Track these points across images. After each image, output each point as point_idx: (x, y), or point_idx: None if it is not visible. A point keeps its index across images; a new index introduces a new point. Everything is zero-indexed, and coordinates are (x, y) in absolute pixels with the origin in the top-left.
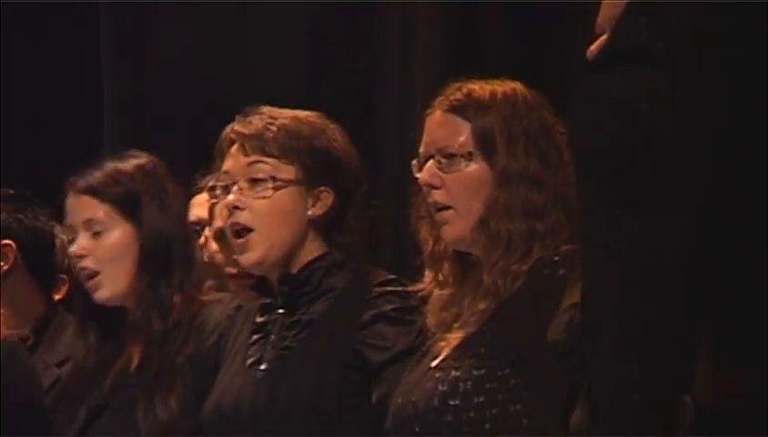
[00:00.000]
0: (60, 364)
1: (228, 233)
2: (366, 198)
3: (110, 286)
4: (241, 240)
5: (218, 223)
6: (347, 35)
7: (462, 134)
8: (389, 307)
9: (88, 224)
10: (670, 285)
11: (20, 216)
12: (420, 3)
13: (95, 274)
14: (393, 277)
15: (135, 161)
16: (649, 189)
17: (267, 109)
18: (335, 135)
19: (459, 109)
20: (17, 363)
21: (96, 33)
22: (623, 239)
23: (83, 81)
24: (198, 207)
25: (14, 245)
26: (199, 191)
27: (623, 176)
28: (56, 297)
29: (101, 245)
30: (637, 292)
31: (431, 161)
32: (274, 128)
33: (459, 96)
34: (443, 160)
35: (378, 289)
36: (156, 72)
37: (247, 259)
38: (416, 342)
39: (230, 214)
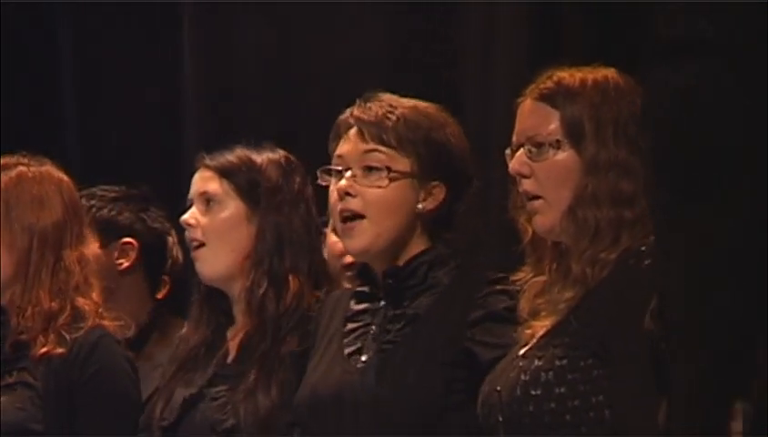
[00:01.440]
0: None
1: (336, 218)
2: (477, 196)
3: (211, 260)
4: (349, 225)
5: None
6: (428, 26)
7: (551, 122)
8: (501, 305)
9: (204, 196)
10: (733, 285)
11: (142, 215)
12: None
13: (200, 245)
14: (503, 275)
15: (267, 154)
16: (713, 182)
17: (386, 96)
18: (452, 129)
19: (548, 97)
20: (106, 352)
21: (180, 33)
22: (690, 234)
23: (168, 81)
24: None
25: (136, 244)
26: None
27: (689, 168)
28: (158, 297)
29: (212, 218)
30: (700, 290)
31: (522, 150)
32: (393, 118)
33: (548, 84)
34: (533, 149)
35: (488, 287)
36: (238, 71)
37: (353, 244)
38: None
39: (341, 199)
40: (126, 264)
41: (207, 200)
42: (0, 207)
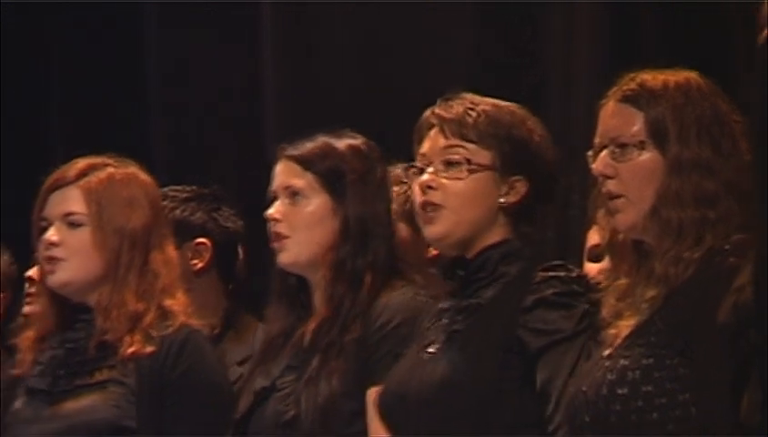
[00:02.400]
0: (242, 363)
1: (418, 210)
2: (559, 194)
3: (295, 251)
4: (430, 213)
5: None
6: (509, 28)
7: (635, 124)
8: (550, 291)
9: (289, 190)
10: None
11: (215, 215)
12: None
13: (285, 238)
14: (559, 262)
15: (348, 140)
16: None
17: (468, 95)
18: (534, 126)
19: (631, 99)
20: (196, 348)
21: (260, 31)
22: None
23: (246, 79)
24: None
25: (209, 244)
26: None
27: None
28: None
29: (297, 211)
30: None
31: (605, 151)
32: (474, 114)
33: (632, 85)
34: (616, 150)
35: (542, 274)
36: (320, 70)
37: (432, 231)
38: (579, 327)
39: (423, 193)
40: (200, 264)
41: (292, 194)
42: (92, 207)
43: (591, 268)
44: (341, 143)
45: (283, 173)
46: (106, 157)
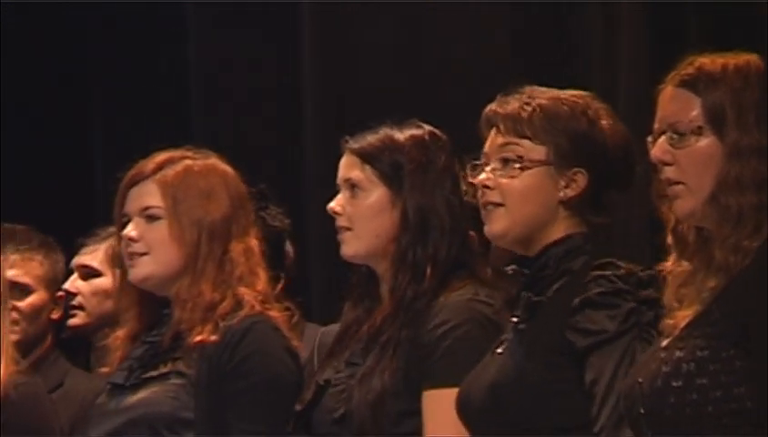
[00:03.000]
0: None
1: (481, 209)
2: (625, 182)
3: (355, 243)
4: (489, 210)
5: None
6: (550, 22)
7: (692, 109)
8: (595, 291)
9: (349, 183)
10: None
11: (261, 214)
12: None
13: (346, 230)
14: (608, 260)
15: (410, 130)
16: None
17: (529, 88)
18: (598, 115)
19: (689, 84)
20: (257, 337)
21: (300, 31)
22: None
23: (286, 79)
24: None
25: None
26: None
27: None
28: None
29: (357, 204)
30: None
31: (663, 137)
32: (529, 109)
33: (690, 70)
34: (674, 136)
35: (592, 273)
36: (359, 69)
37: (491, 229)
38: (623, 327)
39: (482, 193)
40: None
41: (352, 187)
42: (168, 201)
43: None
44: (402, 134)
45: (344, 166)
46: (185, 149)
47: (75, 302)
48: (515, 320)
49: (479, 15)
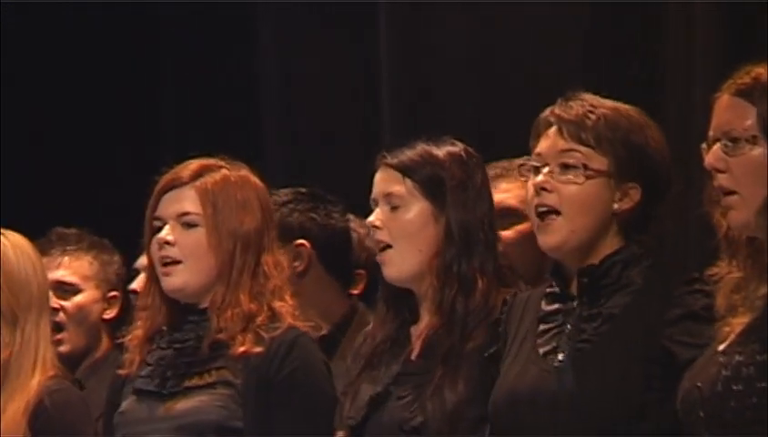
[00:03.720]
0: None
1: (532, 214)
2: (675, 200)
3: (398, 262)
4: (545, 221)
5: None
6: (626, 23)
7: (748, 118)
8: (699, 304)
9: (389, 198)
10: None
11: (313, 215)
12: None
13: (386, 247)
14: (698, 275)
15: (448, 147)
16: None
17: (587, 96)
18: (652, 132)
19: (745, 93)
20: (303, 350)
21: (376, 31)
22: None
23: (361, 80)
24: None
25: (308, 244)
26: None
27: None
28: (353, 292)
29: (397, 219)
30: None
31: (717, 145)
32: (593, 117)
33: (746, 79)
34: (729, 144)
35: (685, 287)
36: (435, 69)
37: (547, 241)
38: None
39: (537, 194)
40: (300, 267)
41: (392, 201)
42: (207, 209)
43: None
44: (441, 150)
45: (383, 181)
46: (218, 158)
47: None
48: (570, 328)
49: (552, 18)
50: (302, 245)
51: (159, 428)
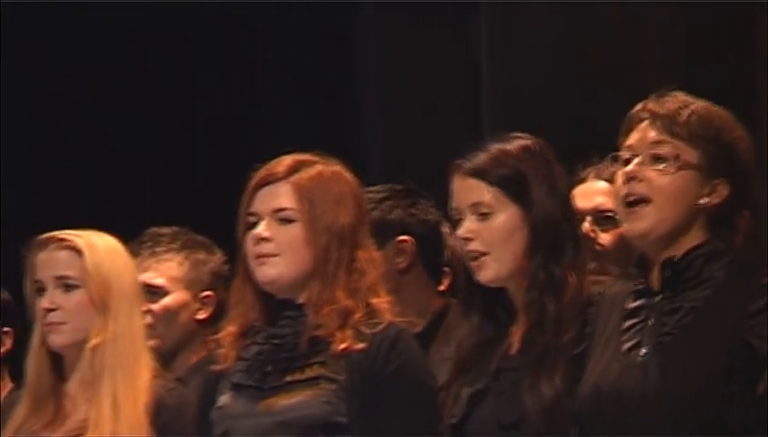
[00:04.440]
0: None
1: (620, 203)
2: (760, 203)
3: (495, 267)
4: (633, 209)
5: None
6: (720, 23)
7: None
8: None
9: (475, 207)
10: None
11: (413, 211)
12: None
13: (481, 255)
14: None
15: (520, 142)
16: None
17: (680, 94)
18: (741, 133)
19: None
20: (406, 346)
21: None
22: None
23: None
24: (580, 198)
25: (411, 240)
26: (580, 182)
27: None
28: (439, 288)
29: (488, 227)
30: None
31: None
32: (687, 112)
33: None
34: None
35: (766, 281)
36: (529, 65)
37: (634, 228)
38: None
39: (626, 184)
40: (404, 263)
41: (479, 210)
42: (304, 204)
43: None
44: (514, 146)
45: (466, 190)
46: (311, 154)
47: None
48: (652, 322)
49: (650, 12)
50: (405, 241)
51: (262, 423)
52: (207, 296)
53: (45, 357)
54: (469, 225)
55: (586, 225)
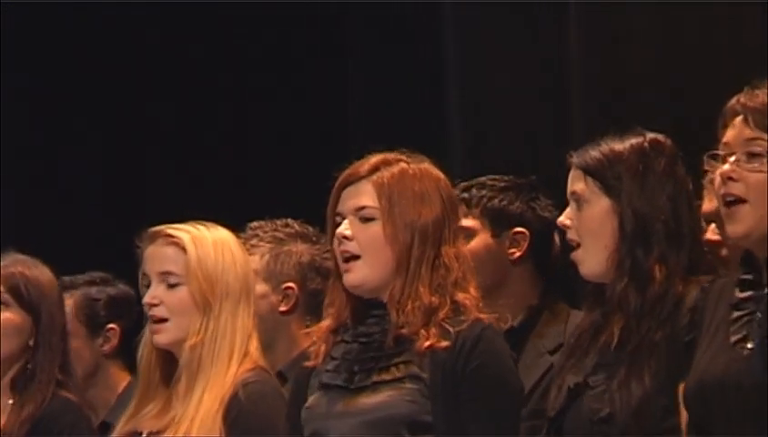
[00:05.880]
0: (553, 352)
1: (720, 204)
2: None
3: (588, 260)
4: (732, 209)
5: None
6: None
7: None
8: None
9: (574, 196)
10: None
11: (533, 204)
12: None
13: (577, 246)
14: None
15: (631, 140)
16: None
17: None
18: None
19: None
20: (489, 344)
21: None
22: None
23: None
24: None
25: (527, 234)
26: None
27: None
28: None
29: (582, 217)
30: None
31: None
32: None
33: None
34: None
35: None
36: (625, 65)
37: (734, 229)
38: None
39: (723, 184)
40: (517, 254)
41: (577, 200)
42: (383, 202)
43: None
44: (621, 143)
45: (570, 180)
46: (399, 152)
47: None
48: (760, 315)
49: (740, 7)
50: (522, 233)
51: (348, 423)
52: (288, 288)
53: (154, 352)
54: (568, 212)
55: (709, 232)
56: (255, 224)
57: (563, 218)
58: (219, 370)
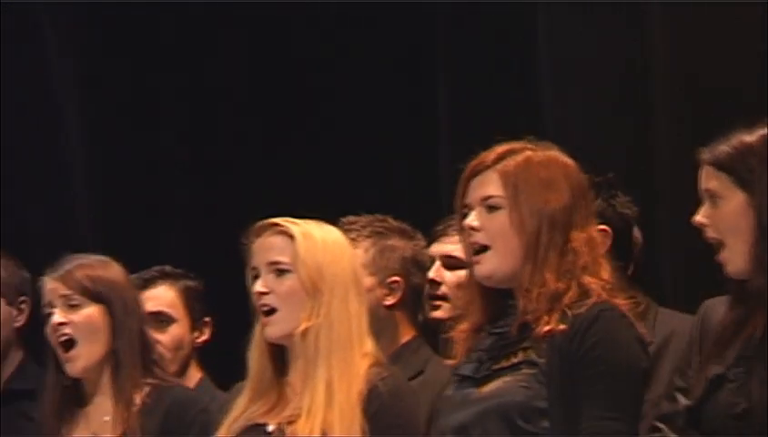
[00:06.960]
0: None
1: None
2: None
3: (733, 258)
4: None
5: None
6: None
7: None
8: None
9: (708, 194)
10: None
11: (612, 202)
12: None
13: (719, 243)
14: None
15: (761, 132)
16: None
17: None
18: None
19: None
20: (605, 324)
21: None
22: None
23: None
24: None
25: (608, 231)
26: None
27: None
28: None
29: (718, 214)
30: None
31: None
32: None
33: None
34: None
35: None
36: (709, 54)
37: None
38: None
39: None
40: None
41: (712, 197)
42: (508, 190)
43: None
44: (752, 136)
45: (702, 177)
46: (526, 141)
47: (438, 292)
48: None
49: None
50: (604, 230)
51: (469, 412)
52: (394, 281)
53: (266, 348)
54: (704, 210)
55: None
56: (349, 218)
57: (700, 218)
58: (343, 358)
